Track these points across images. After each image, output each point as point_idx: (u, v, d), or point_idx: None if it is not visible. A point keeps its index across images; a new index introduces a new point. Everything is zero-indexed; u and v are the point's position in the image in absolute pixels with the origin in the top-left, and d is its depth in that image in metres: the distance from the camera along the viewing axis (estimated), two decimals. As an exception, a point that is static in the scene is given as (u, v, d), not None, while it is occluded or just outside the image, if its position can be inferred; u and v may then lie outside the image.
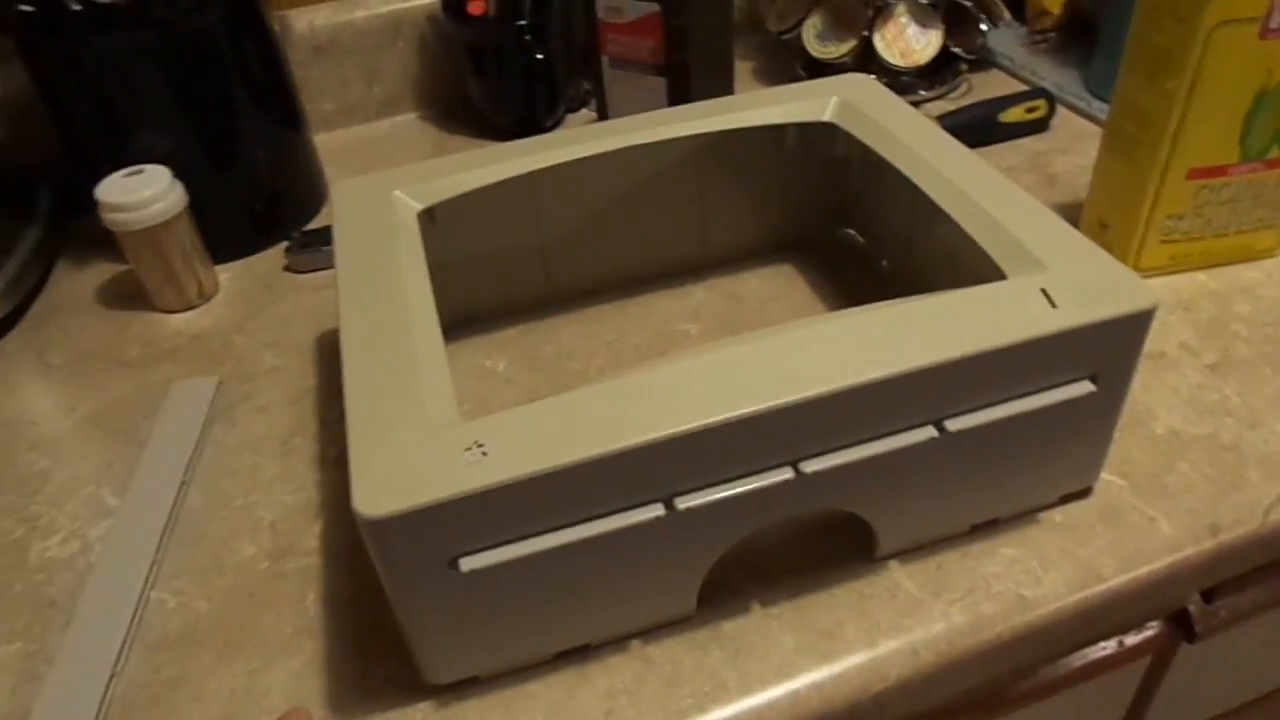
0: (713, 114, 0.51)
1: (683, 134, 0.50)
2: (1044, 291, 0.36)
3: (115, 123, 0.58)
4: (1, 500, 0.48)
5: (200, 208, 0.59)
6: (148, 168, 0.56)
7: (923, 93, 0.75)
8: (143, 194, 0.55)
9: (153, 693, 0.38)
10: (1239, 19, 0.45)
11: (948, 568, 0.40)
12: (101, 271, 0.63)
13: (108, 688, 0.38)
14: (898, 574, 0.40)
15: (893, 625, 0.38)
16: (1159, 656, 0.51)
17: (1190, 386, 0.47)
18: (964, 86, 0.76)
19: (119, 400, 0.54)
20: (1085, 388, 0.36)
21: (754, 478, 0.34)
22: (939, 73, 0.76)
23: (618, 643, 0.38)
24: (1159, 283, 0.53)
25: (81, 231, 0.66)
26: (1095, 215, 0.56)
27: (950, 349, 0.34)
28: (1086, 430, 0.38)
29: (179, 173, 0.58)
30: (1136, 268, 0.53)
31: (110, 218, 0.55)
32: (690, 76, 0.58)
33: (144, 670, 0.39)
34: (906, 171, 0.45)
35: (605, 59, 0.61)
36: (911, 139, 0.47)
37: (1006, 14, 0.75)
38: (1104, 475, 0.43)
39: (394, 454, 0.32)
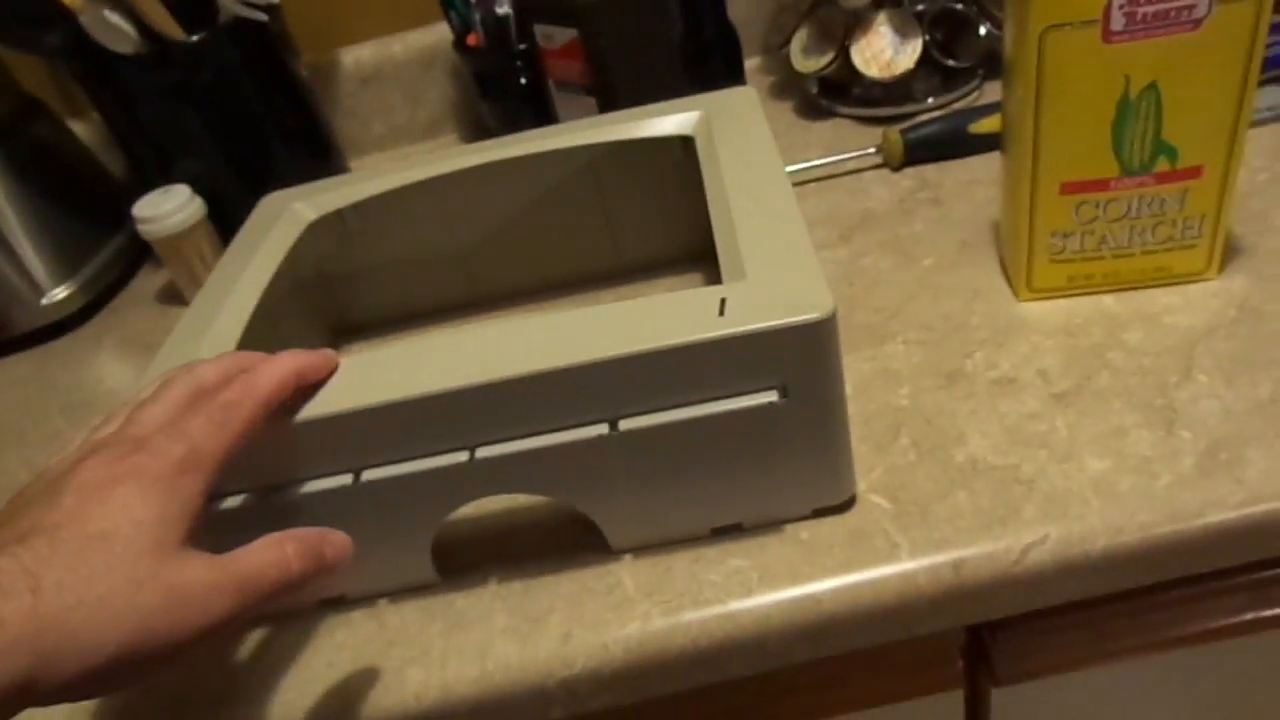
0: (594, 128, 0.55)
1: (548, 149, 0.53)
2: (722, 300, 0.36)
3: (160, 150, 0.71)
4: (23, 452, 0.61)
5: (233, 222, 0.71)
6: (174, 187, 0.68)
7: (930, 100, 0.72)
8: (163, 208, 0.67)
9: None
10: (1070, 23, 0.41)
11: (675, 571, 0.40)
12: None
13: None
14: (625, 571, 0.41)
15: (595, 619, 0.39)
16: (972, 695, 0.48)
17: (1020, 415, 0.43)
18: (974, 96, 0.72)
19: (135, 377, 0.66)
20: (769, 398, 0.36)
21: (433, 458, 0.37)
22: (953, 81, 0.73)
23: (369, 600, 0.42)
24: (1054, 305, 0.49)
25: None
26: (1001, 233, 0.52)
27: (604, 348, 0.35)
28: (799, 443, 0.38)
29: (214, 192, 0.69)
30: (1030, 287, 0.49)
31: (140, 229, 0.67)
32: (617, 96, 0.61)
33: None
34: (709, 188, 0.46)
35: (551, 81, 0.65)
36: (736, 158, 0.47)
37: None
38: (875, 497, 0.41)
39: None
